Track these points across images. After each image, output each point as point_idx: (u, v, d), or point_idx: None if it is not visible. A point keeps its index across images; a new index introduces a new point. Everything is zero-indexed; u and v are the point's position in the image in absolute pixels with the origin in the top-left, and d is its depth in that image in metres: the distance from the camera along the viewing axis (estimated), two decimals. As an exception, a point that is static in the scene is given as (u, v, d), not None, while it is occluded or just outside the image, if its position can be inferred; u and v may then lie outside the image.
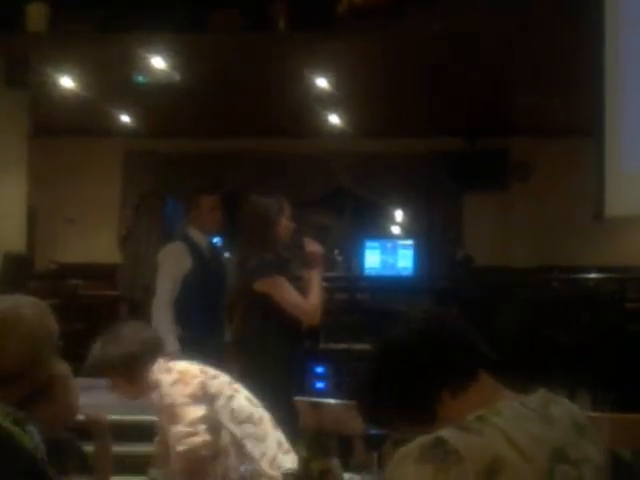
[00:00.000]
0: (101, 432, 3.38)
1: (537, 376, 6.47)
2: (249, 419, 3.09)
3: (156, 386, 3.08)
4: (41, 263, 11.98)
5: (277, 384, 4.18)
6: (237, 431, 3.04)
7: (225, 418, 3.06)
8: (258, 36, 8.12)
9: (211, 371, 3.21)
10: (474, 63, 8.70)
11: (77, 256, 12.47)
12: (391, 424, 1.87)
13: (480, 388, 1.73)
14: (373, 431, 2.43)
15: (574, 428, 1.69)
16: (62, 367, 2.46)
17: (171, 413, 3.03)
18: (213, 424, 3.02)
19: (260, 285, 4.26)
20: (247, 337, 4.45)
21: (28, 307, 2.34)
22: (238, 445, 3.03)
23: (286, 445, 3.15)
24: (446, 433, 1.59)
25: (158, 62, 8.52)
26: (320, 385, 6.92)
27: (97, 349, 3.14)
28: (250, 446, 3.04)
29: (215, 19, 8.10)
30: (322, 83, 9.19)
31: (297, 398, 3.71)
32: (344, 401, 3.47)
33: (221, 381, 3.17)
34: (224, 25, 8.05)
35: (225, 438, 3.02)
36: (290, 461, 3.06)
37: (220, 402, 3.07)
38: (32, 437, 2.17)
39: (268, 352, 4.29)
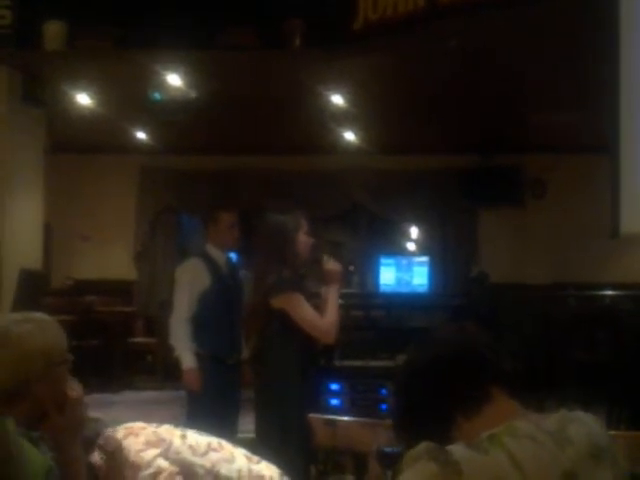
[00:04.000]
0: None
1: (552, 393, 6.45)
2: (210, 447, 3.09)
3: (113, 452, 3.03)
4: (57, 280, 12.02)
5: (293, 400, 4.18)
6: (205, 462, 3.04)
7: (188, 455, 3.06)
8: (273, 53, 8.15)
9: (152, 424, 3.21)
10: (489, 79, 8.71)
11: (93, 272, 12.51)
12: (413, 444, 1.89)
13: (495, 408, 1.73)
14: (387, 449, 2.43)
15: (590, 452, 1.66)
16: (71, 384, 2.46)
17: (132, 464, 2.98)
18: (183, 465, 3.02)
19: (277, 301, 4.26)
20: (264, 353, 4.45)
21: (24, 324, 2.35)
22: (213, 474, 3.03)
23: (254, 457, 3.16)
24: (453, 447, 1.59)
25: (174, 79, 8.56)
26: (335, 402, 6.91)
27: None
28: (224, 470, 3.04)
29: (230, 36, 8.13)
30: (337, 100, 9.21)
31: (312, 415, 3.70)
32: (359, 418, 3.47)
33: (167, 427, 3.16)
34: (239, 42, 8.08)
35: (200, 471, 3.02)
36: (265, 468, 3.08)
37: (176, 443, 3.06)
38: (46, 457, 2.18)
39: (284, 368, 4.29)
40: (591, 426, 1.73)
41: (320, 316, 4.30)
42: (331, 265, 4.42)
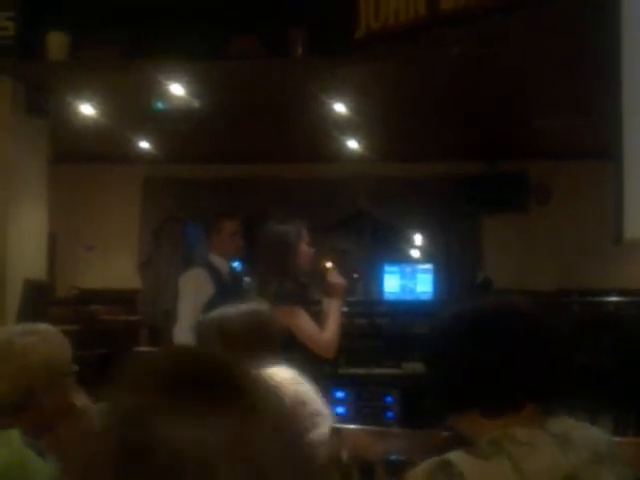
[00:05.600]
0: None
1: (558, 399, 6.43)
2: None
3: None
4: (62, 289, 12.03)
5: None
6: None
7: None
8: (276, 62, 8.15)
9: None
10: (491, 85, 8.71)
11: (97, 282, 12.51)
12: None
13: (517, 419, 1.70)
14: (393, 457, 2.43)
15: (592, 457, 1.65)
16: (77, 394, 2.46)
17: None
18: None
19: (277, 313, 4.26)
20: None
21: (28, 336, 2.34)
22: None
23: None
24: (454, 456, 1.58)
25: (177, 89, 8.56)
26: (340, 410, 6.89)
27: None
28: None
29: (233, 45, 8.13)
30: (340, 108, 9.21)
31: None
32: (364, 426, 3.46)
33: None
34: (242, 51, 8.09)
35: None
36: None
37: None
38: (52, 468, 2.18)
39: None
40: (594, 432, 1.73)
41: (320, 330, 4.28)
42: (335, 279, 4.41)
